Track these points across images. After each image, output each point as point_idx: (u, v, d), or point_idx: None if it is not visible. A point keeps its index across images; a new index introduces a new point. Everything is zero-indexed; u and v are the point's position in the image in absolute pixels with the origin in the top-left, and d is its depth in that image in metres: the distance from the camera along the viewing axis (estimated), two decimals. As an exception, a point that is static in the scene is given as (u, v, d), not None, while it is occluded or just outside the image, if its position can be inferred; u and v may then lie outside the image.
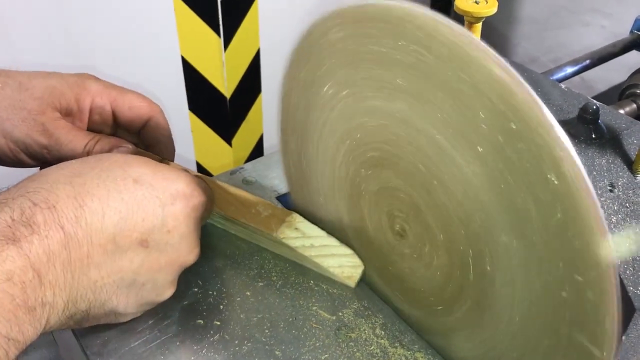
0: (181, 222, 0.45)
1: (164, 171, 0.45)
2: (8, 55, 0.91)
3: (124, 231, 0.41)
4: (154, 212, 0.43)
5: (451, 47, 0.36)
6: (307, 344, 0.50)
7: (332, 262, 0.55)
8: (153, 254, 0.43)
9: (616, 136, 0.51)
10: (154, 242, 0.43)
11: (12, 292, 0.34)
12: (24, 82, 0.51)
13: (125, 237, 0.41)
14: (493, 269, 0.40)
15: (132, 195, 0.42)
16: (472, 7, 0.53)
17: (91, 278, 0.40)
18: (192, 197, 0.46)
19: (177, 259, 0.45)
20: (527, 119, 0.33)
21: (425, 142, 0.41)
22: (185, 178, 0.46)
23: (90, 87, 0.53)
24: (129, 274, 0.43)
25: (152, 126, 0.54)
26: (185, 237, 0.45)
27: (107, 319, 0.45)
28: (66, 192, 0.39)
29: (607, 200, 0.48)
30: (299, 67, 0.49)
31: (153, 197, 0.43)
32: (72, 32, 0.96)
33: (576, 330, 0.35)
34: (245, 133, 1.27)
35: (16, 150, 0.50)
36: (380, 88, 0.42)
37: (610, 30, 1.17)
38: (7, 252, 0.35)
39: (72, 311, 0.40)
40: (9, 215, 0.37)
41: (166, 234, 0.44)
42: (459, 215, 0.41)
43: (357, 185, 0.50)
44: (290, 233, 0.55)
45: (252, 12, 1.13)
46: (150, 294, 0.45)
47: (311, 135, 0.51)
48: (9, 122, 0.49)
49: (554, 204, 0.34)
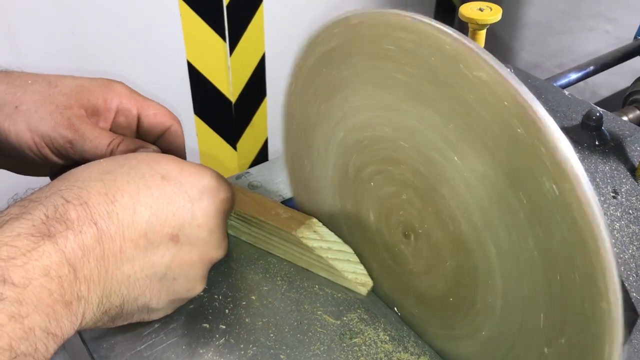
0: (210, 217, 0.46)
1: (190, 167, 0.46)
2: (13, 56, 0.91)
3: (155, 226, 0.42)
4: (183, 207, 0.44)
5: (452, 54, 0.36)
6: (311, 348, 0.50)
7: (347, 267, 0.55)
8: (184, 248, 0.44)
9: (619, 143, 0.52)
10: (185, 236, 0.44)
11: (50, 287, 0.35)
12: (53, 81, 0.52)
13: (156, 232, 0.42)
14: (501, 276, 0.40)
15: (162, 191, 0.43)
16: (477, 15, 0.53)
17: (124, 272, 0.41)
18: (219, 192, 0.47)
19: (207, 254, 0.46)
20: (531, 127, 0.34)
21: (429, 147, 0.41)
22: (212, 173, 0.47)
23: (118, 89, 0.54)
24: (161, 269, 0.43)
25: (171, 134, 0.56)
26: (214, 232, 0.46)
27: (140, 316, 0.46)
28: (97, 189, 0.40)
29: (610, 207, 0.48)
30: (305, 74, 0.49)
31: (182, 193, 0.44)
32: (78, 37, 0.96)
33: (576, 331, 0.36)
34: (250, 137, 1.27)
35: (41, 145, 0.50)
36: (384, 93, 0.43)
37: (614, 35, 1.18)
38: (43, 248, 0.35)
39: (106, 306, 0.41)
40: (43, 213, 0.37)
41: (196, 229, 0.45)
42: (463, 217, 0.41)
43: (362, 189, 0.50)
44: (309, 234, 0.56)
45: (258, 17, 1.14)
46: (182, 288, 0.46)
47: (315, 141, 0.52)
48: (36, 115, 0.49)
49: (555, 211, 0.34)
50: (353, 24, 0.43)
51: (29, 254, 0.35)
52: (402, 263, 0.50)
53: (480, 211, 0.39)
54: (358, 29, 0.42)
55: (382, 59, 0.41)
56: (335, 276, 0.55)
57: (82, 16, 0.95)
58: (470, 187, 0.39)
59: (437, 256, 0.45)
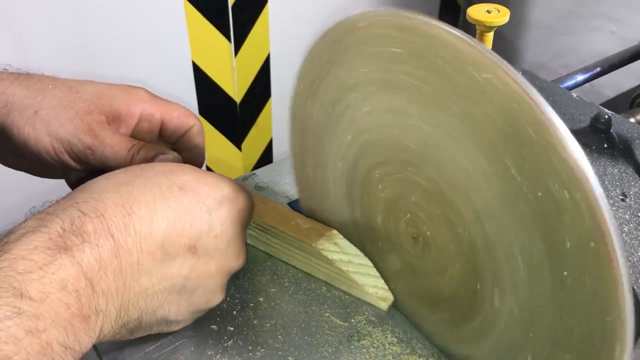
0: (228, 227, 0.45)
1: (208, 177, 0.45)
2: (16, 55, 0.92)
3: (173, 237, 0.42)
4: (201, 217, 0.43)
5: (460, 55, 0.36)
6: (319, 350, 0.50)
7: (368, 281, 0.54)
8: (202, 259, 0.44)
9: (628, 145, 0.52)
10: (203, 247, 0.44)
11: (67, 301, 0.35)
12: (73, 86, 0.51)
13: (174, 244, 0.42)
14: (511, 279, 0.40)
15: (179, 202, 0.42)
16: (484, 17, 0.53)
17: (142, 285, 0.41)
18: (237, 201, 0.46)
19: (225, 264, 0.46)
20: (541, 130, 0.34)
21: (438, 149, 0.41)
22: (229, 183, 0.47)
23: (140, 95, 0.54)
24: (179, 280, 0.43)
25: (194, 133, 0.55)
26: (233, 242, 0.46)
27: (159, 328, 0.45)
28: (114, 201, 0.40)
29: (619, 210, 0.48)
30: (312, 76, 0.49)
31: (199, 203, 0.43)
32: (83, 37, 0.96)
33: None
34: (255, 138, 1.27)
35: (60, 150, 0.50)
36: (392, 95, 0.43)
37: (619, 36, 1.17)
38: (60, 261, 0.35)
39: (124, 319, 0.41)
40: (59, 226, 0.37)
41: (214, 239, 0.44)
42: (472, 220, 0.41)
43: (369, 190, 0.50)
44: (329, 246, 0.54)
45: (263, 17, 1.14)
46: (201, 300, 0.46)
47: (323, 143, 0.52)
48: (56, 120, 0.49)
49: (565, 215, 0.34)
50: (361, 26, 0.43)
51: (45, 267, 0.34)
52: (411, 266, 0.50)
53: (489, 214, 0.39)
54: (366, 31, 0.42)
55: (390, 62, 0.41)
56: (355, 290, 0.55)
57: (87, 16, 0.95)
58: (479, 189, 0.39)
59: (446, 258, 0.45)
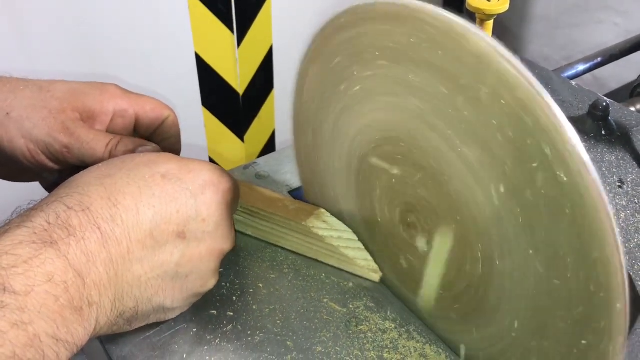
0: (214, 210, 0.46)
1: (189, 164, 0.46)
2: (20, 47, 0.92)
3: (160, 225, 0.42)
4: (186, 203, 0.44)
5: (462, 43, 0.36)
6: (318, 335, 0.50)
7: (358, 254, 0.55)
8: (192, 244, 0.44)
9: (626, 133, 0.52)
10: (191, 232, 0.44)
11: (55, 293, 0.35)
12: (44, 86, 0.51)
13: (162, 231, 0.42)
14: (502, 263, 0.41)
15: (163, 190, 0.43)
16: (484, 5, 0.53)
17: (135, 274, 0.41)
18: (221, 184, 0.47)
19: (215, 246, 0.46)
20: (537, 116, 0.34)
21: (436, 138, 0.41)
22: (210, 167, 0.47)
23: (113, 91, 0.54)
24: (171, 267, 0.44)
25: (168, 125, 0.55)
26: (220, 224, 0.46)
27: (157, 316, 0.46)
28: (99, 193, 0.40)
29: (616, 196, 0.48)
30: (313, 63, 0.50)
31: (183, 190, 0.44)
32: (86, 28, 0.97)
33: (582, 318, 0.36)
34: (258, 129, 1.28)
35: (35, 151, 0.50)
36: (393, 84, 0.43)
37: (623, 28, 1.17)
38: (45, 255, 0.35)
39: (120, 310, 0.41)
40: (44, 220, 0.37)
41: (202, 223, 0.45)
42: (470, 210, 0.41)
43: (369, 179, 0.50)
44: (319, 224, 0.56)
45: (265, 9, 1.14)
46: (195, 284, 0.46)
47: (324, 130, 0.52)
48: (29, 122, 0.49)
49: (562, 199, 0.34)
50: (371, 16, 0.42)
51: (30, 261, 0.35)
52: (408, 255, 0.50)
53: (486, 201, 0.40)
54: (374, 22, 0.42)
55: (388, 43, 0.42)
56: (346, 264, 0.56)
57: (90, 7, 0.95)
58: (475, 174, 0.39)
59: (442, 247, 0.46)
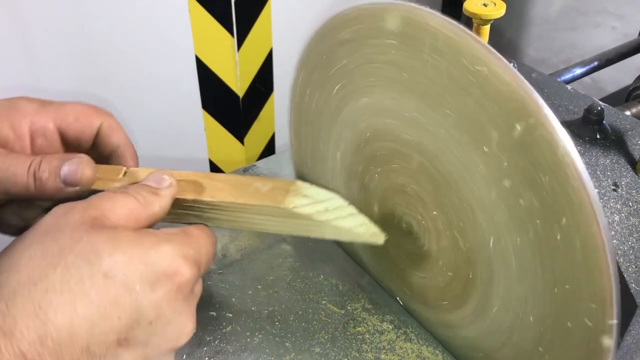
0: (165, 309, 0.39)
1: (141, 250, 0.38)
2: (22, 48, 0.93)
3: (98, 337, 0.36)
4: (130, 306, 0.37)
5: (458, 48, 0.37)
6: (316, 336, 0.51)
7: (352, 222, 0.48)
8: (137, 349, 0.38)
9: (620, 137, 0.52)
10: (135, 338, 0.38)
11: None
12: None
13: (100, 343, 0.36)
14: (498, 266, 0.41)
15: (104, 294, 0.36)
16: (480, 10, 0.54)
17: None
18: (178, 275, 0.39)
19: (165, 346, 0.40)
20: (531, 120, 0.34)
21: (432, 141, 0.42)
22: (171, 250, 0.39)
23: (23, 108, 0.46)
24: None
25: (106, 132, 0.48)
26: (172, 322, 0.40)
27: None
28: (25, 310, 0.34)
29: (611, 200, 0.49)
30: (311, 67, 0.50)
31: (128, 291, 0.37)
32: (87, 31, 0.97)
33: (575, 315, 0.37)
34: (257, 131, 1.28)
35: None
36: (390, 88, 0.44)
37: (621, 32, 1.18)
38: None
39: None
40: None
41: (148, 327, 0.38)
42: (466, 213, 0.42)
43: (366, 182, 0.51)
44: (300, 201, 0.47)
45: (265, 12, 1.15)
46: None
47: (322, 134, 0.53)
48: None
49: (556, 202, 0.35)
50: (366, 17, 0.43)
51: None
52: (406, 256, 0.51)
53: (484, 202, 0.40)
54: (371, 23, 0.43)
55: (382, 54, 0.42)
56: (344, 235, 0.49)
57: (91, 10, 0.96)
58: (470, 172, 0.40)
59: (439, 247, 0.46)
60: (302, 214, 0.47)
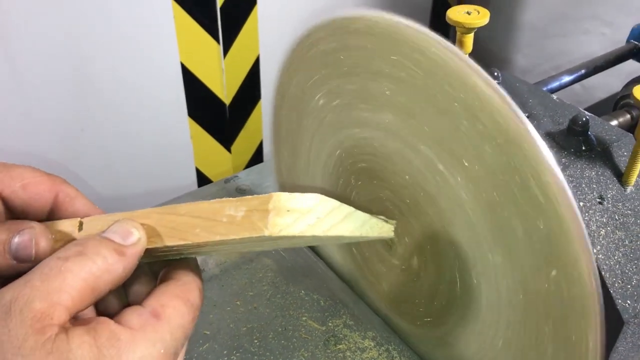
0: None
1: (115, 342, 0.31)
2: (4, 57, 0.91)
3: None
4: None
5: (437, 61, 0.36)
6: (296, 354, 0.50)
7: (350, 225, 0.42)
8: None
9: (606, 148, 0.51)
10: None
11: None
12: None
13: None
14: (479, 281, 0.40)
15: None
16: (464, 18, 0.53)
17: None
18: None
19: None
20: (510, 134, 0.33)
21: (411, 154, 0.41)
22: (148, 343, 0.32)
23: None
24: None
25: (63, 203, 0.40)
26: None
27: None
28: None
29: (597, 213, 0.48)
30: (290, 78, 0.49)
31: None
32: (72, 39, 0.96)
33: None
34: (245, 139, 1.27)
35: None
36: (368, 100, 0.43)
37: (610, 38, 1.17)
38: None
39: None
40: None
41: None
42: (445, 228, 0.41)
43: (347, 195, 0.50)
44: (284, 220, 0.39)
45: (252, 19, 1.14)
46: None
47: (302, 145, 0.52)
48: None
49: (537, 217, 0.34)
50: (353, 28, 0.42)
51: None
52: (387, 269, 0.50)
53: (464, 206, 0.39)
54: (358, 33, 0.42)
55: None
56: (348, 239, 0.45)
57: (76, 18, 0.95)
58: (445, 180, 0.39)
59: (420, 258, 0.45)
60: (293, 235, 0.39)
